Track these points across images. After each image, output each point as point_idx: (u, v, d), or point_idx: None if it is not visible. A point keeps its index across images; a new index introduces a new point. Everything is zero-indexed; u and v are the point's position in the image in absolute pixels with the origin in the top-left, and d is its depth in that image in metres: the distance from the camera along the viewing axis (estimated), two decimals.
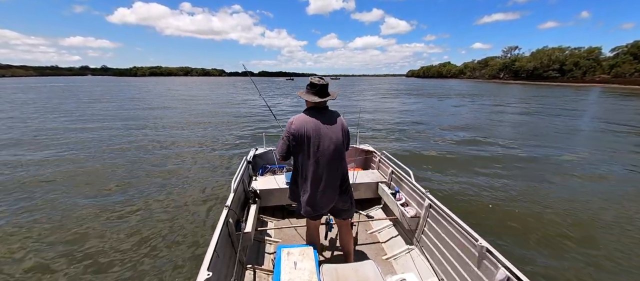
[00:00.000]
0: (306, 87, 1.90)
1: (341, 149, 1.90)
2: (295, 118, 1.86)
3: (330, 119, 1.87)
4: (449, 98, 26.11)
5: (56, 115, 13.59)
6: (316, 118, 1.83)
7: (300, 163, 1.90)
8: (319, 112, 1.86)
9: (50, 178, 5.25)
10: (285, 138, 1.88)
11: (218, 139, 8.79)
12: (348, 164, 2.03)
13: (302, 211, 1.97)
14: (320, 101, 1.84)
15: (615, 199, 4.52)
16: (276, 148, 1.99)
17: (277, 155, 2.00)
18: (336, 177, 1.89)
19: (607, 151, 7.52)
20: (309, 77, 1.93)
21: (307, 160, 1.84)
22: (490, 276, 1.67)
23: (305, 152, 1.83)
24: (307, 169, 1.86)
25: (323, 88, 1.85)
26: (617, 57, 60.80)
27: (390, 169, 3.34)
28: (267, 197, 3.04)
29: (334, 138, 1.84)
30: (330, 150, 1.83)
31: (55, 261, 2.94)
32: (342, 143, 1.90)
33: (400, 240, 2.73)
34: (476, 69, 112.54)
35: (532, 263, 2.95)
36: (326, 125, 1.83)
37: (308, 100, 1.86)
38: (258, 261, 2.45)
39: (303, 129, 1.80)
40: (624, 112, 15.91)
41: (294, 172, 1.99)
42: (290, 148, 1.88)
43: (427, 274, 2.23)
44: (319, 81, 1.84)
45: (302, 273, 1.69)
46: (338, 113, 1.95)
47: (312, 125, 1.80)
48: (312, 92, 1.86)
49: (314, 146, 1.81)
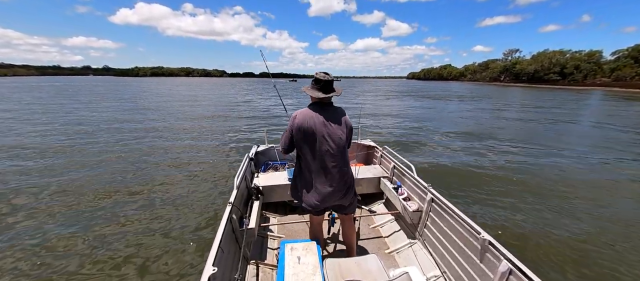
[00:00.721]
0: (311, 82, 1.91)
1: (344, 145, 1.90)
2: (299, 112, 1.86)
3: (334, 115, 1.87)
4: (450, 100, 26.13)
5: (49, 115, 13.63)
6: (320, 113, 1.82)
7: (302, 158, 1.90)
8: (323, 107, 1.86)
9: (52, 177, 5.27)
10: (288, 132, 1.88)
11: (220, 137, 8.82)
12: (350, 160, 2.03)
13: (305, 206, 1.97)
14: (325, 97, 1.83)
15: (617, 192, 4.52)
16: (279, 141, 1.99)
17: (279, 148, 2.01)
18: (339, 172, 1.89)
19: (610, 150, 7.52)
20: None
21: (309, 155, 1.85)
22: (493, 269, 1.67)
23: (308, 147, 1.83)
24: (310, 164, 1.86)
25: (328, 84, 1.85)
26: (618, 61, 60.82)
27: (392, 164, 3.34)
28: (269, 193, 3.05)
29: (338, 134, 1.84)
30: (333, 146, 1.83)
31: (62, 255, 2.96)
32: (345, 140, 1.90)
33: (402, 234, 2.74)
34: (477, 72, 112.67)
35: (534, 256, 2.96)
36: (330, 121, 1.83)
37: (312, 96, 1.86)
38: (262, 256, 2.46)
39: (306, 124, 1.79)
40: (629, 116, 15.90)
41: (297, 167, 1.99)
42: (293, 141, 1.88)
43: (430, 267, 2.23)
44: (324, 77, 1.84)
45: (305, 267, 1.69)
46: (342, 110, 1.95)
47: (315, 120, 1.80)
48: (317, 87, 1.86)
49: (317, 141, 1.81)
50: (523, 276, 1.45)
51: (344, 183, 1.94)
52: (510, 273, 1.53)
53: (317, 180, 1.87)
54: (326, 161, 1.84)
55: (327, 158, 1.83)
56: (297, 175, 2.00)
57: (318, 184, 1.88)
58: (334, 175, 1.87)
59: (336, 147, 1.84)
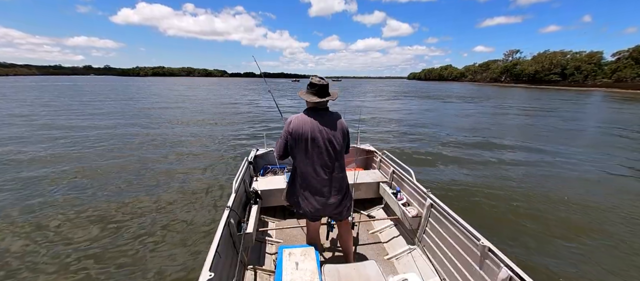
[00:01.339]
0: (306, 87, 1.88)
1: (340, 151, 1.88)
2: (293, 117, 1.83)
3: (329, 120, 1.83)
4: (450, 100, 26.09)
5: (43, 113, 13.60)
6: (315, 118, 1.79)
7: (297, 164, 1.88)
8: (318, 112, 1.83)
9: (54, 175, 5.27)
10: (283, 137, 1.86)
11: (219, 140, 8.80)
12: (349, 164, 2.01)
13: (301, 213, 1.96)
14: (320, 101, 1.80)
15: (619, 199, 4.51)
16: (275, 147, 1.98)
17: (274, 154, 2.00)
18: (335, 179, 1.88)
19: (609, 151, 7.50)
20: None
21: (304, 161, 1.82)
22: (493, 275, 1.66)
23: (303, 153, 1.81)
24: (306, 170, 1.84)
25: (323, 89, 1.82)
26: (618, 62, 60.68)
27: (391, 169, 3.33)
28: (268, 197, 3.04)
29: (333, 139, 1.82)
30: (329, 152, 1.81)
31: (55, 258, 2.94)
32: (341, 145, 1.87)
33: (401, 240, 2.72)
34: (477, 72, 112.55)
35: (535, 262, 2.94)
36: (325, 126, 1.80)
37: (308, 100, 1.83)
38: (260, 261, 2.45)
39: (301, 129, 1.77)
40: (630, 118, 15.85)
41: (293, 173, 1.97)
42: (288, 148, 1.86)
43: (429, 274, 2.22)
44: (319, 81, 1.82)
45: (303, 273, 1.68)
46: (339, 115, 1.92)
47: (310, 125, 1.77)
48: (312, 91, 1.83)
49: (312, 147, 1.78)
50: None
51: (339, 190, 1.93)
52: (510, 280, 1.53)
53: (312, 186, 1.86)
54: (322, 167, 1.82)
55: (322, 164, 1.82)
56: (293, 181, 1.98)
57: (314, 190, 1.86)
58: (330, 181, 1.86)
59: (332, 153, 1.82)
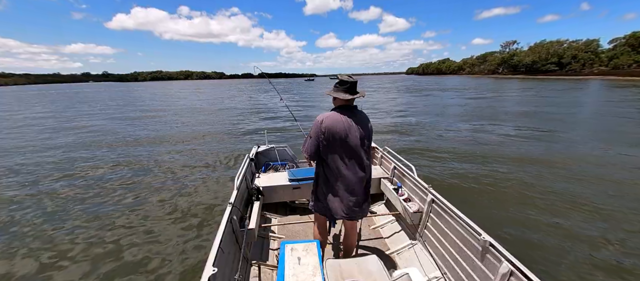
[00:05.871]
0: (335, 86, 1.85)
1: (369, 149, 1.86)
2: (325, 116, 1.77)
3: (360, 118, 1.81)
4: (448, 92, 26.07)
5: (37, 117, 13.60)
6: (348, 116, 1.75)
7: (327, 164, 1.82)
8: (349, 110, 1.79)
9: (57, 175, 5.29)
10: (314, 137, 1.80)
11: (220, 137, 8.81)
12: None
13: (327, 213, 1.91)
14: (351, 98, 1.78)
15: (620, 193, 4.52)
16: (303, 146, 1.92)
17: (304, 154, 1.91)
18: (364, 178, 1.85)
19: (610, 140, 7.52)
20: (337, 76, 1.86)
21: (337, 161, 1.78)
22: (494, 270, 1.67)
23: (336, 152, 1.76)
24: (336, 170, 1.79)
25: (353, 86, 1.79)
26: (615, 49, 60.49)
27: (392, 165, 3.34)
28: (270, 193, 3.06)
29: (365, 138, 1.80)
30: (360, 151, 1.78)
31: (64, 253, 2.98)
32: (371, 143, 1.87)
33: (403, 235, 2.74)
34: (475, 65, 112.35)
35: (535, 256, 2.96)
36: (358, 124, 1.77)
37: (338, 98, 1.79)
38: (262, 257, 2.48)
39: (335, 128, 1.72)
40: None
41: (319, 172, 1.91)
42: (320, 147, 1.80)
43: (430, 269, 2.24)
44: (349, 78, 1.80)
45: (306, 268, 1.69)
46: (364, 113, 1.89)
47: (344, 124, 1.73)
48: (343, 89, 1.79)
49: (347, 146, 1.75)
50: (524, 278, 1.45)
51: (366, 190, 1.90)
52: (511, 275, 1.53)
53: (348, 185, 1.80)
54: (355, 166, 1.79)
55: (355, 163, 1.79)
56: (319, 181, 1.92)
57: (350, 190, 1.81)
58: (360, 181, 1.83)
59: (364, 152, 1.80)
